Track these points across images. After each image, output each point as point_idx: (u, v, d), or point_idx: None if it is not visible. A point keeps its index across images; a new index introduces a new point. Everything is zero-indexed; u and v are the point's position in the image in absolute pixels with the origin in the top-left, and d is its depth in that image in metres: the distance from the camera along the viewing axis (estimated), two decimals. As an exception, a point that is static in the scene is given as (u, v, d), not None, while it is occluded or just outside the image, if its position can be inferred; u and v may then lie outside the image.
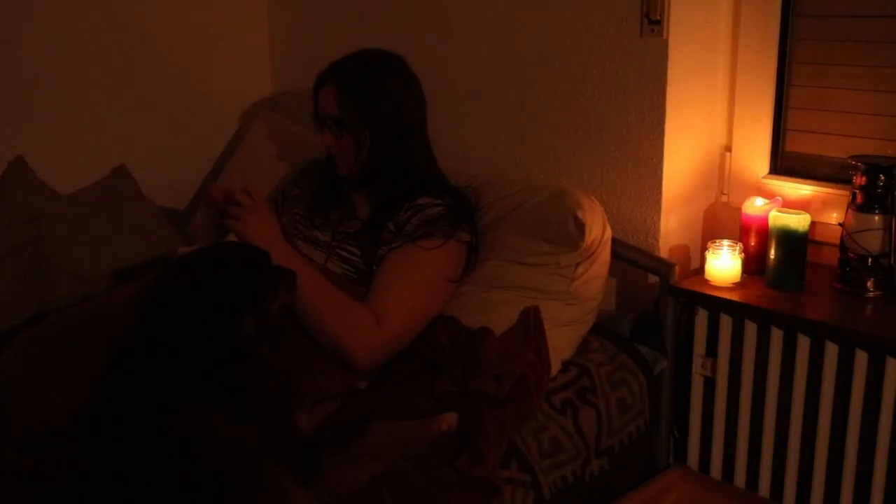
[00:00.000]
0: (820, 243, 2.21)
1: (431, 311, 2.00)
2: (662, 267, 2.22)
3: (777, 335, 2.04)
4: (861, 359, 1.92)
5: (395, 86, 2.06)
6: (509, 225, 2.15)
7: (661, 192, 2.28)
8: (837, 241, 2.11)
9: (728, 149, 2.38)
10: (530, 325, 2.02)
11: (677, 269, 2.22)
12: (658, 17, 2.18)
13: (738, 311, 2.10)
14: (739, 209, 2.25)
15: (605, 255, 2.16)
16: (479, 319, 2.01)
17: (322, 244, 2.09)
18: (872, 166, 2.03)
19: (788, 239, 2.08)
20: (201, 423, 1.51)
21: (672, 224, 2.33)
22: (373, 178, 2.07)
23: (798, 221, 2.08)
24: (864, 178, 2.04)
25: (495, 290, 2.09)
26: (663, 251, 2.33)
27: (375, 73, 2.05)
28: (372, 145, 2.04)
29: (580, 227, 2.04)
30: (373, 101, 2.03)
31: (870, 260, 2.06)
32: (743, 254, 2.16)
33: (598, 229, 2.10)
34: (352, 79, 2.04)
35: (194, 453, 1.48)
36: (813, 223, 2.14)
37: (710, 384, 2.19)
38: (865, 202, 2.05)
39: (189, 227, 2.76)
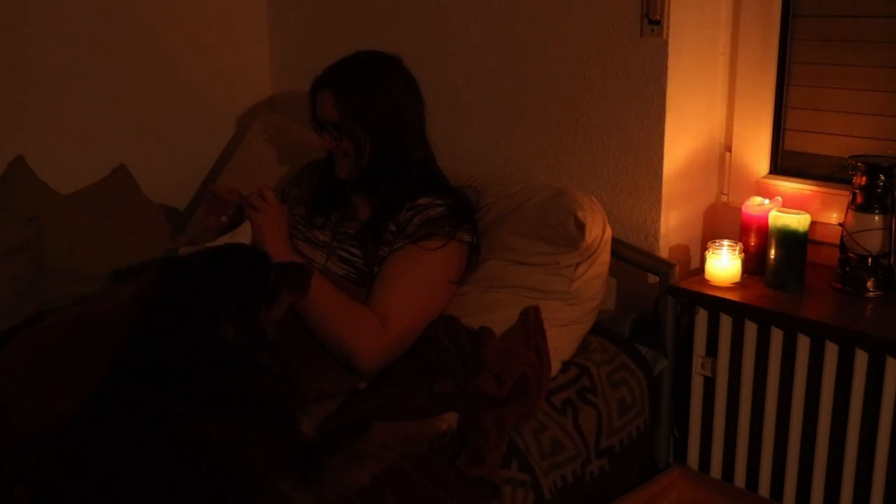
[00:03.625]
0: (820, 243, 2.21)
1: (434, 312, 2.00)
2: (662, 267, 2.22)
3: (777, 335, 2.04)
4: (861, 359, 1.92)
5: (393, 88, 2.06)
6: (509, 225, 2.15)
7: (660, 192, 2.28)
8: (837, 241, 2.11)
9: (728, 148, 2.38)
10: (530, 325, 2.02)
11: (677, 268, 2.22)
12: (658, 17, 2.18)
13: (738, 311, 2.10)
14: (739, 209, 2.25)
15: (605, 255, 2.16)
16: (479, 319, 2.01)
17: (322, 244, 2.09)
18: (872, 166, 2.03)
19: (788, 239, 2.08)
20: (201, 427, 1.51)
21: (672, 224, 2.33)
22: (373, 179, 2.07)
23: (798, 221, 2.07)
24: (864, 178, 2.04)
25: (495, 290, 2.09)
26: (663, 251, 2.33)
27: (373, 77, 2.05)
28: (372, 148, 2.04)
29: (580, 227, 2.04)
30: (371, 106, 2.03)
31: (870, 260, 2.06)
32: (743, 254, 2.16)
33: (598, 229, 2.10)
34: (349, 83, 2.03)
35: (193, 457, 1.47)
36: (813, 223, 2.14)
37: (710, 384, 2.19)
38: (865, 202, 2.05)
39: (189, 226, 2.76)
